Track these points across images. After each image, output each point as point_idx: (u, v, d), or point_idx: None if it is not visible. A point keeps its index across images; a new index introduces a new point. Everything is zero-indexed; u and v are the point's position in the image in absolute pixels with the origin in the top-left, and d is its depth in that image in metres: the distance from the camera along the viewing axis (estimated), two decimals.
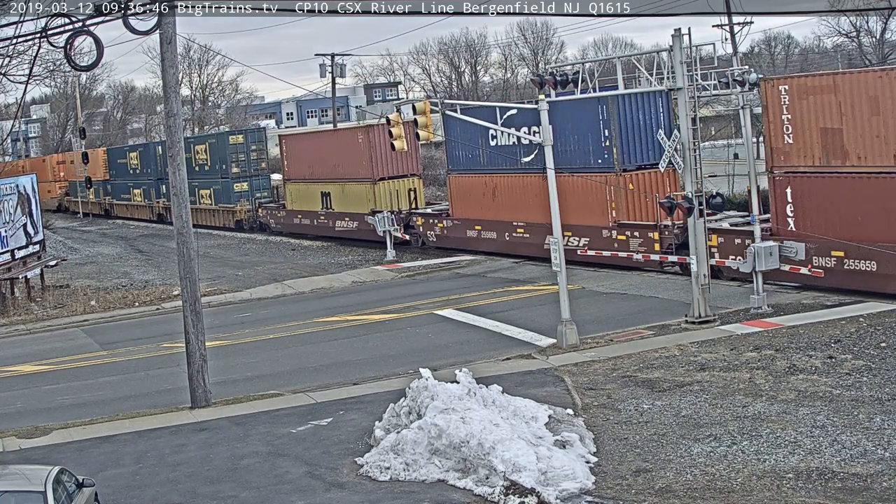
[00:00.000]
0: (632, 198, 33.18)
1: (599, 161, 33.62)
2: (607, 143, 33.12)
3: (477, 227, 39.57)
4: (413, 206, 45.04)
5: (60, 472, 13.67)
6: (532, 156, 35.72)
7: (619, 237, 32.73)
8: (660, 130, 27.50)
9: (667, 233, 31.09)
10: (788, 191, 27.21)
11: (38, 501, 12.65)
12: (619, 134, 32.97)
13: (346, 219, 47.40)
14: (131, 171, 71.22)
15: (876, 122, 25.13)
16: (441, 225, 42.21)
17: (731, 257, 28.53)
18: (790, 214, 27.30)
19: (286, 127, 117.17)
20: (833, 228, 26.18)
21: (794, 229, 27.12)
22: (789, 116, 27.10)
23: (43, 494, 12.74)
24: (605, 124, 33.39)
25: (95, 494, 14.60)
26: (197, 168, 58.70)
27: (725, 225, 30.06)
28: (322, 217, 49.73)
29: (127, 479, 17.00)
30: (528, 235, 36.40)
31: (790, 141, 27.12)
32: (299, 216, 51.78)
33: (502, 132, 36.07)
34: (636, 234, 32.27)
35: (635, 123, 33.18)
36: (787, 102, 27.14)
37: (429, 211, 44.11)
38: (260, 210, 56.12)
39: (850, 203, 25.77)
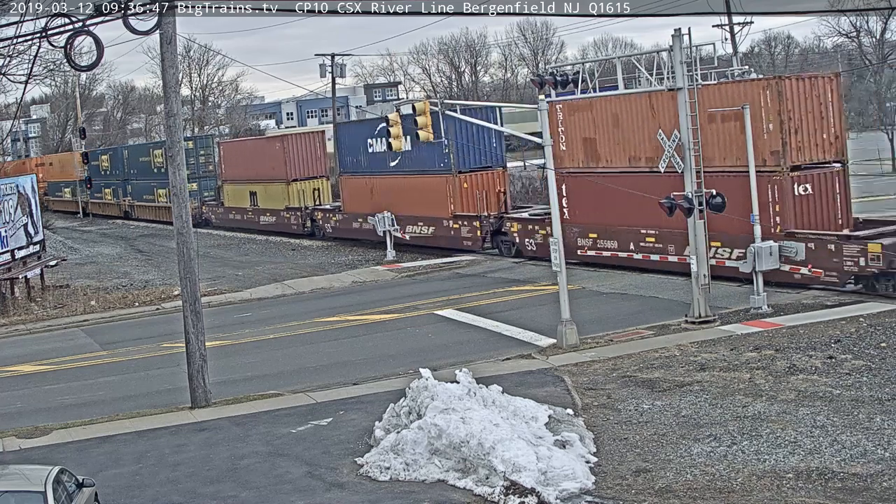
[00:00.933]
0: (469, 194, 40.87)
1: (441, 165, 41.23)
2: (446, 151, 40.20)
3: (360, 220, 46.26)
4: (317, 203, 52.56)
5: (60, 472, 13.67)
6: (396, 160, 42.87)
7: (454, 226, 41.03)
8: (660, 130, 27.48)
9: (484, 222, 39.66)
10: (563, 187, 33.49)
11: (38, 501, 12.64)
12: (455, 143, 40.20)
13: (268, 214, 55.22)
14: (103, 172, 77.78)
15: (616, 133, 32.86)
16: (335, 218, 49.11)
17: (527, 240, 37.65)
18: (566, 206, 34.18)
19: (286, 127, 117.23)
20: (592, 216, 34.01)
21: (568, 218, 33.87)
22: (563, 129, 34.71)
23: (43, 494, 12.74)
24: (445, 135, 38.84)
25: (95, 494, 14.60)
26: (155, 170, 66.60)
27: (525, 215, 38.98)
28: (250, 213, 57.70)
29: (127, 479, 17.00)
30: (398, 226, 43.32)
31: (564, 148, 34.58)
32: (233, 212, 59.96)
33: (377, 140, 43.42)
34: (465, 223, 40.47)
35: (470, 135, 40.38)
36: (561, 118, 34.63)
37: (328, 207, 51.11)
38: (203, 207, 63.21)
39: (602, 195, 32.87)
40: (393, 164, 43.38)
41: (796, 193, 27.76)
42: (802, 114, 27.96)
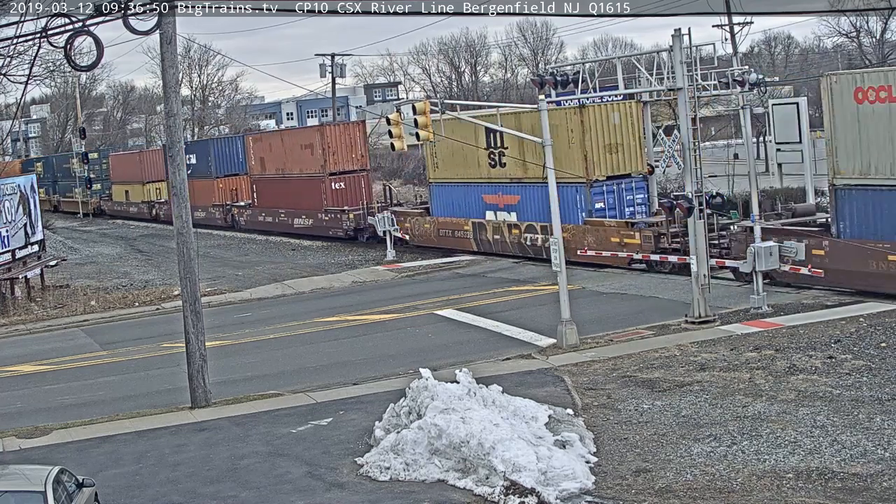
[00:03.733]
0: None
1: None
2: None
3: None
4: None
5: (60, 472, 13.67)
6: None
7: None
8: (660, 130, 27.53)
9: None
10: (254, 187, 56.00)
11: (38, 501, 12.64)
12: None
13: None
14: (38, 175, 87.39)
15: (274, 154, 53.91)
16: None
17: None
18: (256, 197, 55.84)
19: (286, 127, 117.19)
20: (270, 202, 54.27)
21: (256, 204, 55.50)
22: (260, 155, 55.14)
23: (43, 494, 12.74)
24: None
25: (95, 494, 14.60)
26: (73, 175, 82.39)
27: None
28: (125, 204, 75.00)
29: (127, 479, 16.99)
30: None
31: (253, 163, 55.82)
32: (119, 205, 76.13)
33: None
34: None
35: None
36: (251, 145, 56.59)
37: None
38: (101, 201, 79.80)
39: (288, 192, 51.90)
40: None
41: (333, 188, 48.65)
42: (339, 145, 49.09)
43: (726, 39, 51.73)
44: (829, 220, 27.28)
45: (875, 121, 25.29)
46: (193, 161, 64.27)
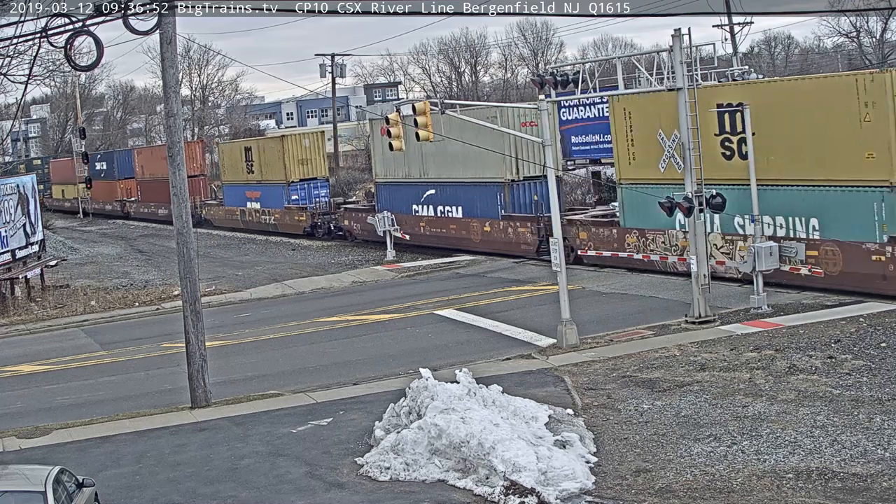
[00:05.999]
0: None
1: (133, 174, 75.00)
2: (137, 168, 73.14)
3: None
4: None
5: (60, 472, 13.67)
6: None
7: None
8: (660, 130, 27.52)
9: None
10: (139, 187, 73.07)
11: (38, 501, 12.64)
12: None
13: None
14: None
15: (164, 164, 54.29)
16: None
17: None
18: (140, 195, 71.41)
19: (286, 127, 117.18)
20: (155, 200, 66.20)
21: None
22: (142, 164, 71.86)
23: (43, 494, 12.74)
24: (133, 160, 75.48)
25: (95, 494, 14.59)
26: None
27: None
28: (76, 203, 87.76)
29: (127, 479, 16.99)
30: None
31: (139, 169, 71.98)
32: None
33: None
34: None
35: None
36: (136, 156, 74.76)
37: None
38: (42, 198, 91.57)
39: (158, 190, 63.08)
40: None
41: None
42: (185, 157, 56.02)
43: (726, 39, 51.76)
44: None
45: None
46: (105, 167, 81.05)
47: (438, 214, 42.19)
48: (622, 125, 32.39)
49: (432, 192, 42.42)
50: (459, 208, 40.67)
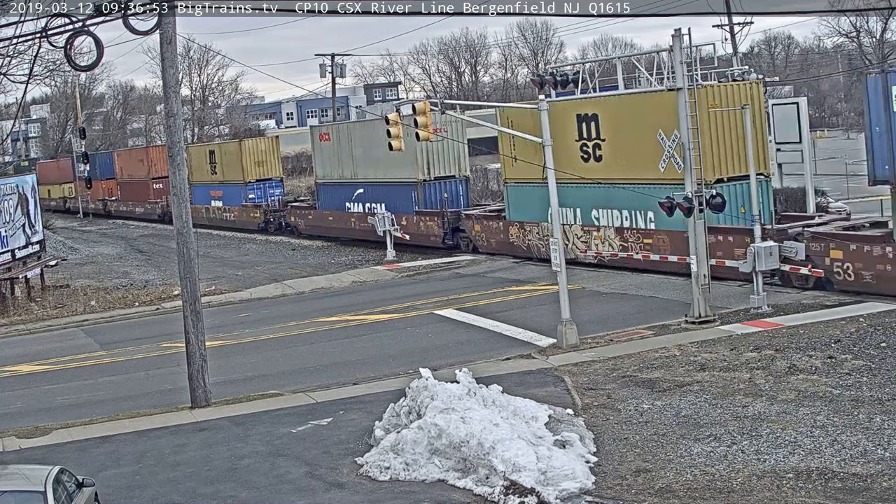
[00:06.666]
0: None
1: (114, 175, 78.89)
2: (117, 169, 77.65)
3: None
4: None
5: (60, 472, 13.66)
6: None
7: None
8: (660, 130, 27.54)
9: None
10: (119, 186, 77.08)
11: (38, 501, 12.64)
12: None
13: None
14: None
15: (139, 166, 72.22)
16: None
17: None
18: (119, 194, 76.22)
19: (286, 127, 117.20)
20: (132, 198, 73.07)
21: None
22: (121, 165, 76.84)
23: (43, 494, 12.74)
24: (114, 161, 78.43)
25: (95, 494, 14.59)
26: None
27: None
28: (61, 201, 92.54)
29: (127, 479, 17.00)
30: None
31: (118, 170, 76.80)
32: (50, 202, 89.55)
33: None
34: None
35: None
36: (116, 158, 78.58)
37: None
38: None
39: (134, 189, 73.27)
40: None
41: (154, 187, 69.70)
42: (158, 160, 67.81)
43: (726, 39, 51.73)
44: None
45: None
46: (88, 168, 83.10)
47: (366, 211, 46.31)
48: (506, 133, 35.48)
49: (361, 191, 47.18)
50: (383, 205, 44.72)
